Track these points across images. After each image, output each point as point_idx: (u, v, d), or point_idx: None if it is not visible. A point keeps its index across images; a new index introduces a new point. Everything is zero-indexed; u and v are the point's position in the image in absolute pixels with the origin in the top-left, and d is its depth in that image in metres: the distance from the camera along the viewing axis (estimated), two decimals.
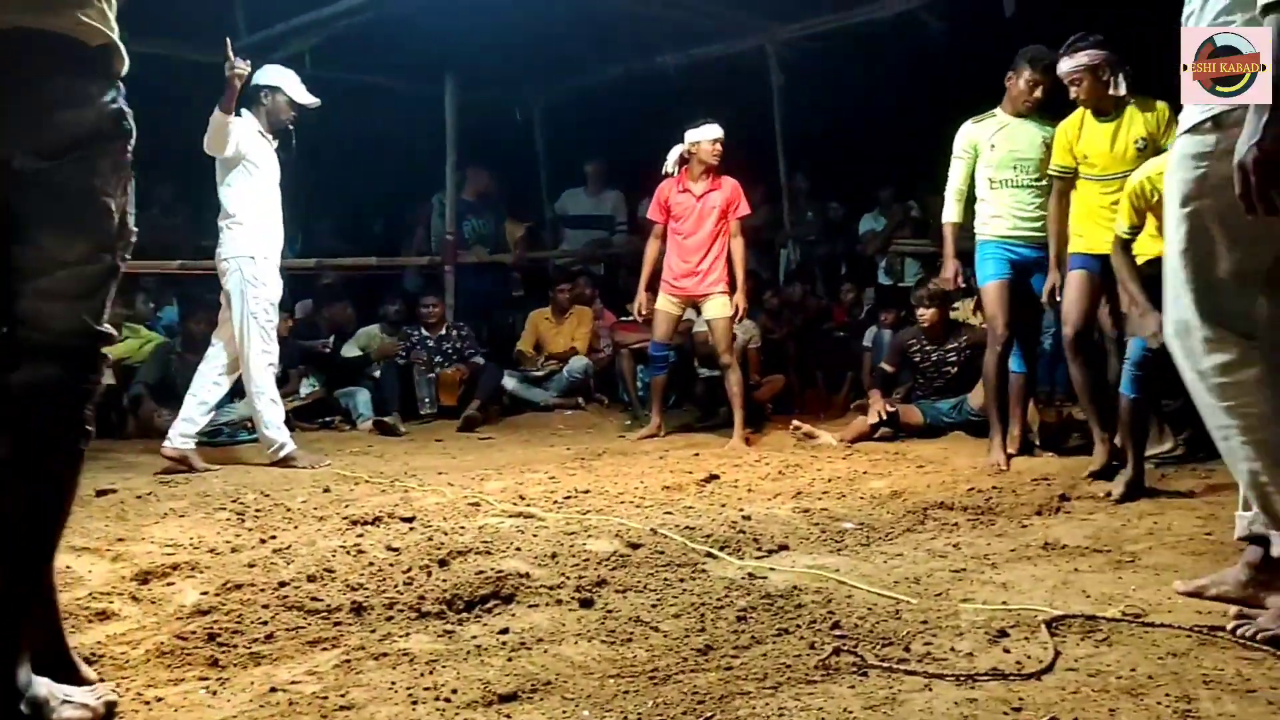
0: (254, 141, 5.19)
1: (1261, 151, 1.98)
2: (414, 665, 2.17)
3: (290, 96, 5.23)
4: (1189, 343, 2.24)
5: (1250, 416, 2.17)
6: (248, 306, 5.09)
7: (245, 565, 2.99)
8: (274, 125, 5.26)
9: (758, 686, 2.01)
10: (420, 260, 8.68)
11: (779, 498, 4.05)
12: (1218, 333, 2.19)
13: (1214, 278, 2.19)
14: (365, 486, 4.49)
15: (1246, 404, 2.17)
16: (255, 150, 5.19)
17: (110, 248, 1.91)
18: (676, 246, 6.03)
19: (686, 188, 6.00)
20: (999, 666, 2.07)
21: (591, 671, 2.12)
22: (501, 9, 7.40)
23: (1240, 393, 2.18)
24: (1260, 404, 2.16)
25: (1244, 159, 2.01)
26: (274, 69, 5.30)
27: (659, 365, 6.22)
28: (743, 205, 6.00)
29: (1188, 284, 2.22)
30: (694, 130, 5.91)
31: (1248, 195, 2.01)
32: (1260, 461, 2.18)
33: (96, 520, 3.70)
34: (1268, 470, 2.18)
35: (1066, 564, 2.95)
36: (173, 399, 6.73)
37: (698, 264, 5.95)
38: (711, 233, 5.93)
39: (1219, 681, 1.95)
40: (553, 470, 4.86)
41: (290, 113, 5.26)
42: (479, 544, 3.16)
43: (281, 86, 5.22)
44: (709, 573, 2.87)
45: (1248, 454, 2.19)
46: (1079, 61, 4.45)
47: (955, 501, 3.85)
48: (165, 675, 2.15)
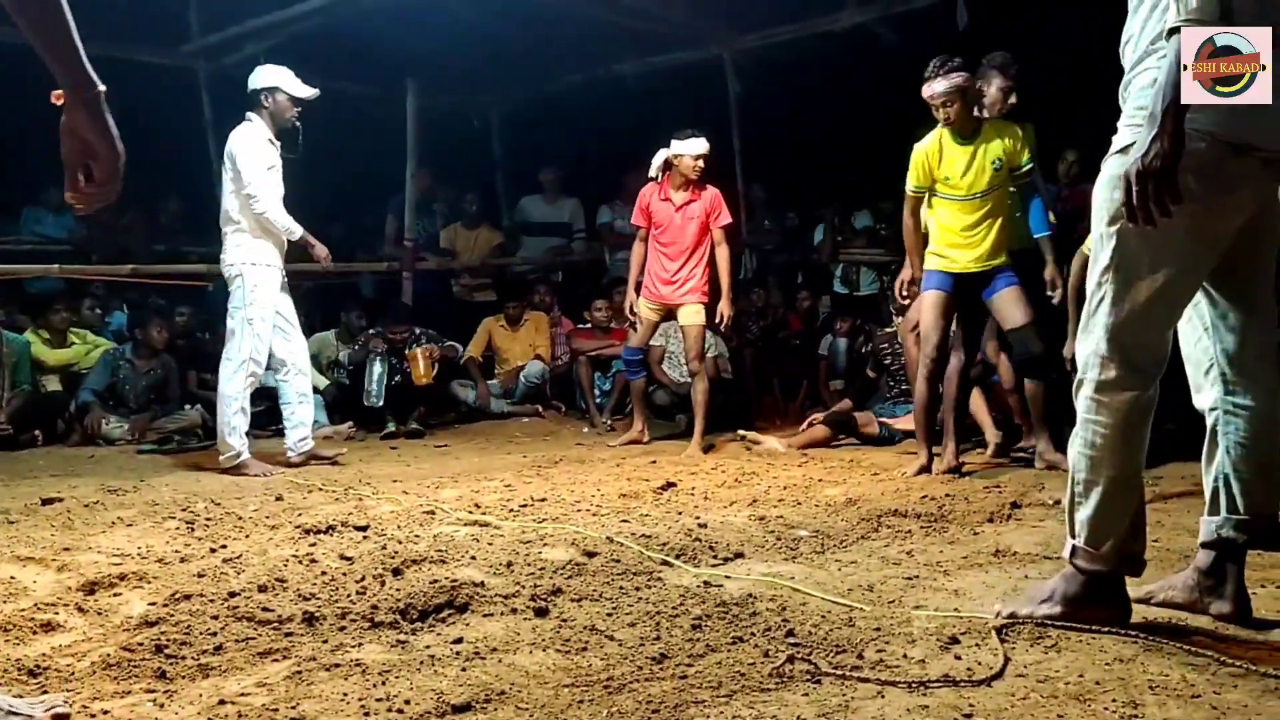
0: (264, 149, 5.17)
1: (1144, 165, 2.09)
2: (366, 676, 2.15)
3: (290, 93, 5.22)
4: (1090, 350, 2.33)
5: (1100, 436, 2.31)
6: (246, 313, 5.09)
7: (194, 575, 2.95)
8: (280, 126, 5.27)
9: (712, 695, 2.01)
10: (379, 266, 8.62)
11: (735, 505, 4.06)
12: (1113, 353, 2.29)
13: (1135, 297, 2.26)
14: (318, 495, 4.45)
15: (1103, 425, 2.30)
16: (269, 159, 5.21)
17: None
18: (657, 254, 6.01)
19: (667, 196, 5.97)
20: (950, 673, 2.09)
21: (546, 681, 2.11)
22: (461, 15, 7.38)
23: (1104, 413, 2.30)
24: (1114, 432, 2.29)
25: (1129, 171, 2.13)
26: (268, 69, 5.28)
27: (634, 370, 6.21)
28: (724, 214, 5.99)
29: (1108, 300, 2.29)
30: (680, 141, 5.86)
31: (1129, 205, 2.13)
32: (1085, 474, 2.34)
33: (42, 529, 3.63)
34: (1084, 484, 2.34)
35: (1017, 571, 2.98)
36: (120, 406, 6.66)
37: (675, 272, 5.94)
38: (690, 242, 5.92)
39: (1164, 687, 1.98)
40: (509, 478, 4.84)
41: (294, 109, 5.27)
42: (433, 553, 3.14)
43: (279, 85, 5.22)
44: (665, 581, 2.87)
45: (1081, 464, 2.34)
46: (953, 83, 4.59)
47: (909, 509, 3.88)
48: (112, 688, 2.11)
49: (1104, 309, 2.29)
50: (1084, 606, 2.35)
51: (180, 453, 6.08)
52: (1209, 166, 2.18)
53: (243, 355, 5.14)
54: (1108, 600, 2.36)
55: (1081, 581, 2.37)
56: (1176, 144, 2.09)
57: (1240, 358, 2.40)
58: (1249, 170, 2.22)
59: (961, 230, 4.74)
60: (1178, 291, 2.29)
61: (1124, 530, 2.34)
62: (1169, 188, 2.09)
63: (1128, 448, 2.30)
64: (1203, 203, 2.18)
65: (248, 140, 5.16)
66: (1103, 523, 2.32)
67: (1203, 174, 2.17)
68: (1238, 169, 2.21)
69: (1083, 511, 2.35)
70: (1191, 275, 2.31)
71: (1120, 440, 2.29)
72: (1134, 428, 2.30)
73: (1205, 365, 2.45)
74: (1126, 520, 2.34)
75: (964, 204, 4.73)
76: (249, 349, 5.13)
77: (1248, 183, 2.24)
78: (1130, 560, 2.37)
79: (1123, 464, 2.31)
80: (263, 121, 5.22)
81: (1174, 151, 2.08)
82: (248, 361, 5.14)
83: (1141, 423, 2.31)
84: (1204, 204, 2.19)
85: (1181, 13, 2.09)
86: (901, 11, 7.15)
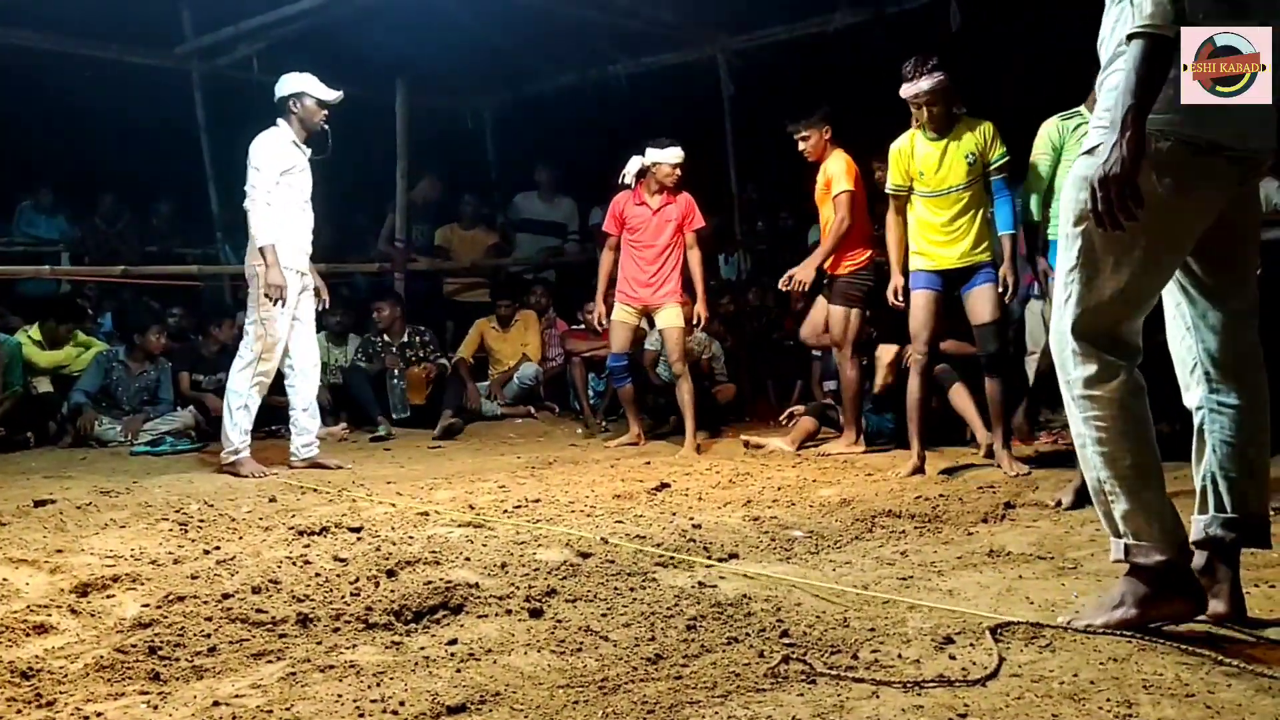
0: (288, 153, 5.18)
1: (1105, 171, 2.13)
2: (361, 677, 2.15)
3: (317, 97, 5.23)
4: (1064, 353, 2.34)
5: (1104, 430, 2.29)
6: (261, 313, 5.08)
7: (188, 577, 2.94)
8: (310, 130, 5.27)
9: (707, 695, 2.01)
10: (370, 267, 8.61)
11: (729, 506, 4.06)
12: (1085, 347, 2.30)
13: (1099, 295, 2.28)
14: (312, 496, 4.44)
15: (1103, 418, 2.29)
16: (289, 162, 5.18)
17: None
18: (633, 257, 6.06)
19: (643, 200, 6.04)
20: (945, 673, 2.09)
21: (541, 682, 2.11)
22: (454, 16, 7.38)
23: (1099, 407, 2.29)
24: (1115, 421, 2.28)
25: (1092, 178, 2.16)
26: (292, 76, 5.28)
27: (621, 376, 6.22)
28: (697, 218, 6.07)
29: (1073, 299, 2.31)
30: (656, 149, 5.94)
31: (1095, 211, 2.16)
32: (1106, 471, 2.30)
33: (34, 531, 3.61)
34: (1109, 481, 2.30)
35: (1011, 571, 2.98)
36: (113, 408, 6.64)
37: (653, 275, 6.01)
38: (667, 244, 6.00)
39: (1158, 686, 1.99)
40: (503, 479, 4.84)
41: (321, 113, 5.27)
42: (428, 554, 3.13)
43: (306, 90, 5.22)
44: (659, 581, 2.87)
45: (1097, 464, 2.31)
46: (935, 82, 4.62)
47: (903, 509, 3.89)
48: (105, 690, 2.10)
49: (1070, 307, 2.31)
50: (1156, 603, 2.28)
51: (173, 454, 6.06)
52: (1171, 167, 2.20)
53: (253, 354, 5.13)
54: (1179, 590, 2.29)
55: (1146, 579, 2.30)
56: (1137, 150, 2.11)
57: (1223, 356, 2.40)
58: (1214, 170, 2.23)
59: (941, 226, 4.79)
60: (1140, 290, 2.30)
61: (1168, 515, 2.30)
62: (1132, 193, 2.12)
63: (1136, 432, 2.28)
64: (1165, 203, 2.19)
65: (263, 143, 5.15)
66: (1143, 512, 2.28)
67: (1164, 174, 2.19)
68: (1201, 169, 2.22)
69: (1118, 508, 2.30)
70: (1154, 275, 2.32)
71: (1126, 427, 2.28)
72: (1133, 411, 2.28)
73: (1190, 364, 2.46)
74: (1166, 505, 2.30)
75: (940, 199, 4.79)
76: (259, 348, 5.12)
77: (1214, 182, 2.25)
78: (1183, 545, 2.31)
79: (1138, 450, 2.28)
80: (289, 127, 5.22)
81: (1135, 157, 2.11)
82: (256, 361, 5.13)
83: (1139, 404, 2.29)
84: (1166, 204, 2.20)
85: (1137, 19, 2.12)
86: (894, 13, 7.17)
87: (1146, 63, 2.11)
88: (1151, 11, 2.09)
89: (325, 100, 5.24)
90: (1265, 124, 2.27)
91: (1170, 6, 2.08)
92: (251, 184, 5.09)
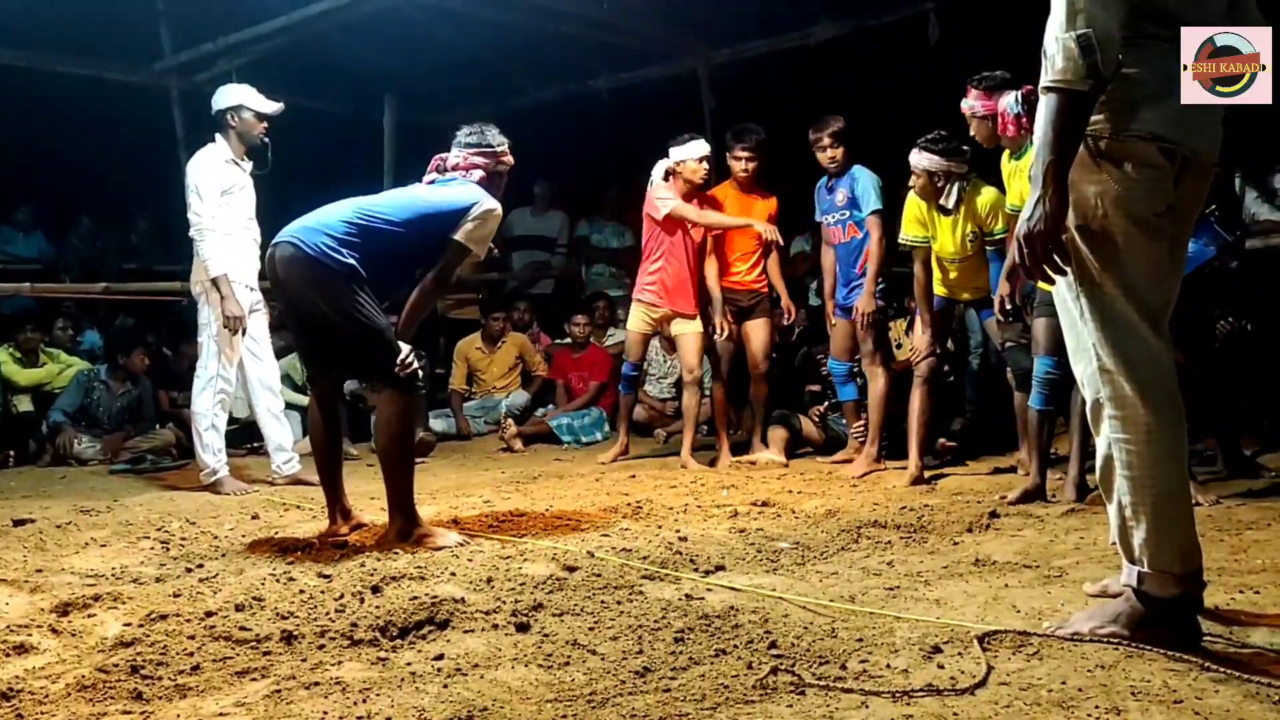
0: (226, 173, 5.13)
1: (1030, 229, 2.15)
2: (347, 694, 2.13)
3: (256, 110, 5.17)
4: (1088, 370, 2.29)
5: (1131, 454, 2.24)
6: (212, 330, 5.05)
7: (170, 595, 2.91)
8: (249, 143, 5.21)
9: (696, 708, 2.00)
10: None
11: (715, 518, 4.05)
12: (1114, 364, 2.24)
13: (1108, 311, 2.23)
14: (295, 513, 4.41)
15: (1133, 442, 2.23)
16: (228, 181, 5.13)
17: None
18: (667, 264, 5.80)
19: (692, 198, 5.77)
20: (933, 682, 2.09)
21: (528, 697, 2.09)
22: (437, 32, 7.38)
23: (1129, 429, 2.23)
24: (1144, 446, 2.22)
25: (1019, 233, 2.19)
26: (230, 88, 5.24)
27: (629, 385, 6.11)
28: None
29: (1088, 314, 2.26)
30: (678, 147, 5.68)
31: (1023, 265, 2.20)
32: (1130, 497, 2.25)
33: (14, 551, 3.58)
34: (1132, 507, 2.26)
35: (997, 580, 2.99)
36: (93, 426, 6.59)
37: (678, 283, 5.80)
38: (694, 252, 5.80)
39: (1147, 693, 1.99)
40: (487, 494, 4.82)
41: (261, 125, 5.21)
42: (413, 569, 3.11)
43: (244, 103, 5.16)
44: (646, 594, 2.86)
45: (1122, 488, 2.27)
46: (936, 163, 4.73)
47: (888, 520, 3.89)
48: (87, 710, 2.08)
49: (1090, 325, 2.26)
50: (1150, 630, 2.24)
51: (154, 472, 6.02)
52: (1151, 169, 2.19)
53: (210, 372, 5.11)
54: (1179, 624, 2.26)
55: (1150, 605, 2.26)
56: (1060, 204, 2.13)
57: None
58: (1149, 157, 2.20)
59: (954, 273, 4.96)
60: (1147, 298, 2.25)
61: (1191, 546, 2.26)
62: (1057, 248, 2.15)
63: (1166, 460, 2.23)
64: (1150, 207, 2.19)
65: (200, 164, 5.09)
66: (1165, 542, 2.23)
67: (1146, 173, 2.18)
68: (1169, 172, 2.21)
69: (1138, 535, 2.25)
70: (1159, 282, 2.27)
71: (1156, 454, 2.22)
72: (1165, 437, 2.23)
73: None
74: (1191, 535, 2.26)
75: (949, 262, 4.94)
76: (215, 366, 5.10)
77: (1154, 170, 2.21)
78: (1197, 575, 2.28)
79: (1166, 479, 2.23)
80: (226, 143, 5.16)
81: (1058, 213, 2.13)
82: (215, 379, 5.11)
83: (1173, 429, 2.23)
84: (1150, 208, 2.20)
85: (1050, 74, 2.12)
86: (874, 26, 7.21)
87: (1061, 117, 2.12)
88: (1063, 67, 2.09)
89: (264, 113, 5.18)
90: (1210, 127, 2.26)
91: (1083, 62, 2.06)
92: (195, 212, 5.03)
